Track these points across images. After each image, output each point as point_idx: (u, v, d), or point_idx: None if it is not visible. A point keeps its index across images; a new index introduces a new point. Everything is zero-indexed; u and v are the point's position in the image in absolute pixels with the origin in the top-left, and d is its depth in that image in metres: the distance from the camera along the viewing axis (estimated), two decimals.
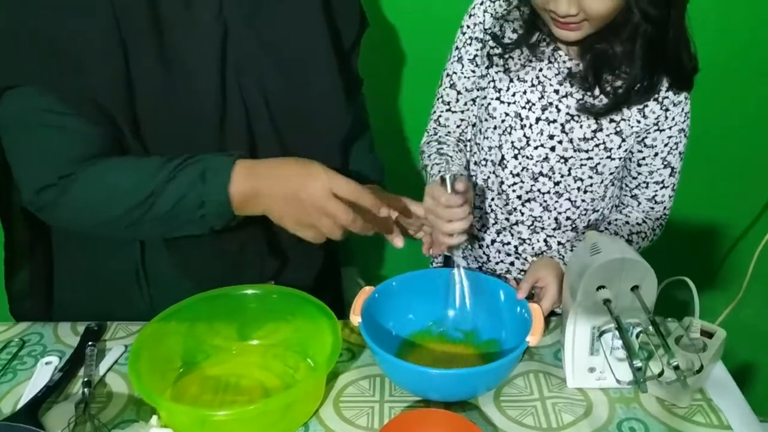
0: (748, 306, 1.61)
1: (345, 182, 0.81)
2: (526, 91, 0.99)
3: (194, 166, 0.82)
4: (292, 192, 0.80)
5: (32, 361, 0.91)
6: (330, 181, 0.80)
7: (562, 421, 0.81)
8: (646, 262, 0.80)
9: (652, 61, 0.91)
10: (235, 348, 0.92)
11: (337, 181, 0.80)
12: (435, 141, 1.08)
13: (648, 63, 0.91)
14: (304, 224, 0.83)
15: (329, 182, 0.80)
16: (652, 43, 0.88)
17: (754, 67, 1.42)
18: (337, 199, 0.80)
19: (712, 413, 0.82)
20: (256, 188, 0.82)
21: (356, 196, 0.81)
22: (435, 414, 0.77)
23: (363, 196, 0.81)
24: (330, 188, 0.79)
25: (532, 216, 1.06)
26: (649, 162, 1.01)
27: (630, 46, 0.90)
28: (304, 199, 0.80)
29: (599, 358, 0.84)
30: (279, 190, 0.81)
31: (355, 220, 0.81)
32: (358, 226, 0.81)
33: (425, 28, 1.17)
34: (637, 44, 0.89)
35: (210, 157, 0.83)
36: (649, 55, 0.90)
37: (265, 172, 0.82)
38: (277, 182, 0.81)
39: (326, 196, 0.79)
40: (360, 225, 0.81)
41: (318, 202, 0.80)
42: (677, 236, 1.54)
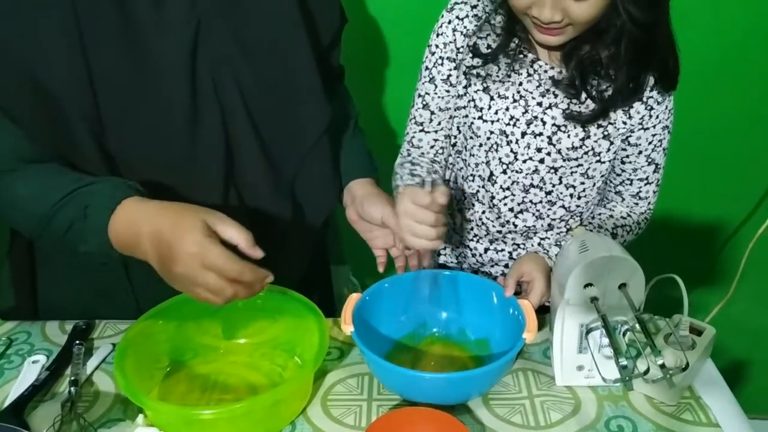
0: (739, 303, 1.62)
1: (218, 254, 0.71)
2: (509, 108, 0.97)
3: (81, 198, 0.77)
4: (162, 252, 0.73)
5: (19, 359, 0.90)
6: (202, 250, 0.70)
7: (551, 420, 0.81)
8: (634, 260, 0.80)
9: (638, 63, 0.90)
10: (222, 347, 0.92)
11: (210, 252, 0.70)
12: (408, 162, 1.04)
13: (634, 65, 0.90)
14: (186, 285, 0.74)
15: (201, 251, 0.70)
16: (637, 45, 0.87)
17: (746, 65, 1.42)
18: (218, 248, 0.71)
19: (701, 411, 0.82)
20: (130, 242, 0.75)
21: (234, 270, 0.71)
22: (422, 412, 0.77)
23: (244, 272, 0.72)
24: (202, 257, 0.70)
25: (525, 226, 1.05)
26: (633, 159, 1.00)
27: (615, 49, 0.89)
28: (176, 259, 0.71)
29: (587, 357, 0.84)
30: (152, 249, 0.74)
31: (243, 271, 0.72)
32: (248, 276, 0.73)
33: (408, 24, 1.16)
34: (623, 47, 0.88)
35: (99, 189, 0.78)
36: (635, 57, 0.89)
37: (141, 223, 0.74)
38: (150, 239, 0.73)
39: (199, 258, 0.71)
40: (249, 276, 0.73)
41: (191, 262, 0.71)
42: (669, 234, 1.54)
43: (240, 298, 0.74)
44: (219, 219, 0.74)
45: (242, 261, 0.72)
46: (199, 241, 0.70)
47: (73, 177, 0.80)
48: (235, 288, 0.72)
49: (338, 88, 1.10)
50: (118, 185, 0.79)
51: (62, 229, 0.78)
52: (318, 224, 1.03)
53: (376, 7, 1.35)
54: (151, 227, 0.73)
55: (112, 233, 0.76)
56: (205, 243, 0.70)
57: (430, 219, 0.85)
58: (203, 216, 0.73)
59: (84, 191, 0.78)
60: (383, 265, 1.03)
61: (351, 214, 1.03)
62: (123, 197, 0.77)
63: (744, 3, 1.35)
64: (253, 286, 0.74)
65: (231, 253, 0.71)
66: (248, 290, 0.74)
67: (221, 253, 0.71)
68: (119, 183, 0.80)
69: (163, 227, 0.72)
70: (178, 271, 0.71)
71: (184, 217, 0.73)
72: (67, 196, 0.77)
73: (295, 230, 0.99)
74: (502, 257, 1.11)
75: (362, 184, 1.02)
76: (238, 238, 0.73)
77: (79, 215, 0.76)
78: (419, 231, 0.86)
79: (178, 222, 0.72)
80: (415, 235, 0.86)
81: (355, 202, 1.01)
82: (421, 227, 0.86)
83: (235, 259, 0.71)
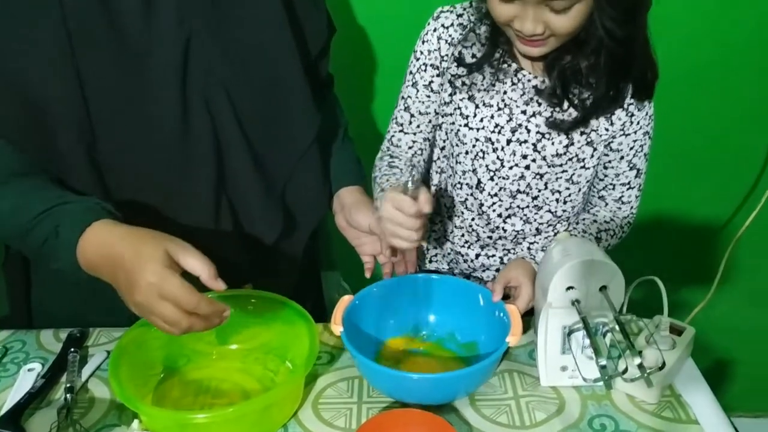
0: (721, 303, 1.65)
1: (176, 286, 0.70)
2: (494, 116, 0.99)
3: (55, 216, 0.78)
4: (123, 279, 0.73)
5: (15, 368, 0.92)
6: (159, 281, 0.70)
7: (536, 419, 0.83)
8: (614, 264, 0.83)
9: (616, 74, 0.92)
10: (215, 352, 0.94)
11: (168, 283, 0.70)
12: (387, 156, 1.08)
13: (613, 76, 0.92)
14: (144, 313, 0.74)
15: (159, 281, 0.70)
16: (615, 57, 0.90)
17: (726, 69, 1.44)
18: (175, 279, 0.71)
19: (680, 408, 0.85)
20: (96, 264, 0.76)
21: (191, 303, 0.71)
22: (411, 414, 0.79)
23: (201, 305, 0.72)
24: (160, 287, 0.70)
25: (514, 231, 1.08)
26: (615, 165, 1.03)
27: (595, 60, 0.91)
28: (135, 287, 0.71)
29: (571, 357, 0.86)
30: (114, 274, 0.74)
31: (199, 304, 0.71)
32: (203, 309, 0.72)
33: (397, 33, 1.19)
34: (602, 58, 0.90)
35: (73, 209, 0.79)
36: (614, 68, 0.91)
37: (107, 247, 0.75)
38: (113, 264, 0.74)
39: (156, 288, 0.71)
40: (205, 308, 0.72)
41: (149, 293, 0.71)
42: (652, 236, 1.57)
43: (197, 330, 0.73)
44: (181, 249, 0.73)
45: (199, 294, 0.71)
46: (158, 271, 0.70)
47: (54, 194, 0.81)
48: (191, 320, 0.72)
49: (327, 96, 1.12)
50: (91, 207, 0.80)
51: (37, 244, 0.79)
52: (308, 231, 1.05)
53: (364, 17, 1.37)
54: (115, 252, 0.73)
55: (79, 254, 0.76)
56: (163, 274, 0.70)
57: (412, 224, 0.88)
58: (166, 245, 0.73)
59: (59, 210, 0.79)
60: (370, 270, 1.05)
61: (340, 221, 1.05)
62: (94, 219, 0.77)
63: (726, 7, 1.38)
64: (210, 318, 0.74)
65: (189, 286, 0.71)
66: (205, 323, 0.73)
67: (178, 285, 0.70)
68: (93, 204, 0.80)
69: (126, 254, 0.72)
70: (137, 300, 0.72)
71: (146, 245, 0.73)
72: (44, 212, 0.78)
73: (286, 238, 1.01)
74: (493, 262, 1.13)
75: (351, 192, 1.05)
76: (200, 269, 0.73)
77: (52, 233, 0.77)
78: (403, 234, 0.89)
79: (140, 250, 0.72)
80: (398, 237, 0.89)
81: (344, 209, 1.03)
82: (405, 231, 0.88)
83: (192, 292, 0.71)
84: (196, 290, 0.71)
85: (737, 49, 1.42)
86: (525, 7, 0.84)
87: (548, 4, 0.82)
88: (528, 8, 0.84)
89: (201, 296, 0.71)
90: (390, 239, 0.91)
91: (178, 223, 0.92)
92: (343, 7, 1.35)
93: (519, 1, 0.84)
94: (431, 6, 1.03)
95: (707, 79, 1.45)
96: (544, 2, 0.82)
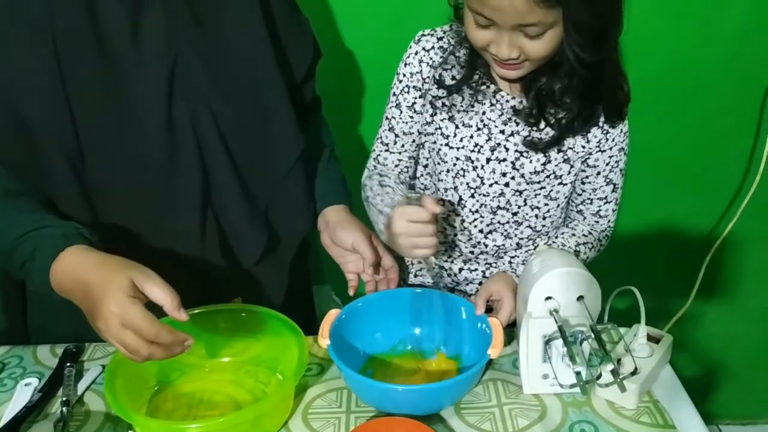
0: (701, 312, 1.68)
1: (137, 316, 0.72)
2: (473, 135, 1.03)
3: (33, 240, 0.81)
4: (90, 304, 0.75)
5: (12, 383, 0.94)
6: (122, 311, 0.72)
7: (518, 426, 0.85)
8: (590, 274, 0.86)
9: (588, 96, 0.96)
10: (207, 366, 0.96)
11: (129, 312, 0.72)
12: (377, 174, 1.10)
13: (585, 97, 0.96)
14: (107, 339, 0.75)
15: (121, 311, 0.72)
16: (586, 81, 0.93)
17: (710, 80, 1.47)
18: (137, 309, 0.72)
19: (658, 414, 0.87)
20: (67, 288, 0.79)
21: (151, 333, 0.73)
22: (396, 422, 0.81)
23: (161, 334, 0.74)
24: (122, 317, 0.72)
25: (495, 246, 1.11)
26: (592, 180, 1.06)
27: (568, 81, 0.95)
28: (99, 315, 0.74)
29: (551, 366, 0.89)
30: (82, 300, 0.77)
31: (159, 333, 0.73)
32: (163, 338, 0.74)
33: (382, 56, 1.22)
34: (574, 80, 0.94)
35: (50, 233, 0.81)
36: (585, 90, 0.95)
37: (77, 273, 0.77)
38: (81, 290, 0.77)
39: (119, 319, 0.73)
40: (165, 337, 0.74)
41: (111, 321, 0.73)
42: (632, 246, 1.60)
43: (157, 358, 0.75)
44: (147, 278, 0.75)
45: (160, 324, 0.73)
46: (120, 300, 0.72)
47: (37, 216, 0.84)
48: (151, 349, 0.74)
49: (314, 117, 1.15)
50: (68, 232, 0.82)
51: (17, 265, 0.82)
52: (293, 248, 1.07)
53: (351, 40, 1.42)
54: (85, 279, 0.76)
55: (52, 278, 0.79)
56: (125, 303, 0.72)
57: (429, 230, 0.90)
58: (132, 274, 0.75)
59: (37, 233, 0.81)
60: (354, 288, 1.07)
61: (325, 239, 1.08)
62: (68, 244, 0.79)
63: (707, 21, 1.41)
64: (171, 348, 0.76)
65: (150, 316, 0.73)
66: (166, 352, 0.75)
67: (139, 315, 0.72)
68: (71, 229, 0.82)
69: (93, 281, 0.75)
70: (100, 327, 0.74)
71: (113, 273, 0.75)
72: (25, 235, 0.81)
73: (271, 254, 1.03)
74: (476, 276, 1.16)
75: (336, 211, 1.07)
76: (164, 300, 0.75)
77: (29, 256, 0.80)
78: (421, 243, 0.91)
79: (107, 279, 0.74)
80: (417, 248, 0.91)
81: (328, 227, 1.06)
82: (423, 240, 0.90)
83: (153, 322, 0.73)
84: (156, 320, 0.73)
85: (717, 62, 1.45)
86: (500, 32, 0.88)
87: (522, 30, 0.86)
88: (503, 34, 0.88)
89: (162, 326, 0.73)
90: (410, 252, 0.92)
91: (165, 241, 0.95)
92: (331, 30, 1.39)
93: (494, 27, 0.88)
94: (415, 29, 1.07)
95: (687, 91, 1.49)
96: (519, 28, 0.86)
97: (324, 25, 1.37)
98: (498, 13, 0.85)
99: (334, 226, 1.04)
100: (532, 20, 0.84)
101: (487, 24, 0.88)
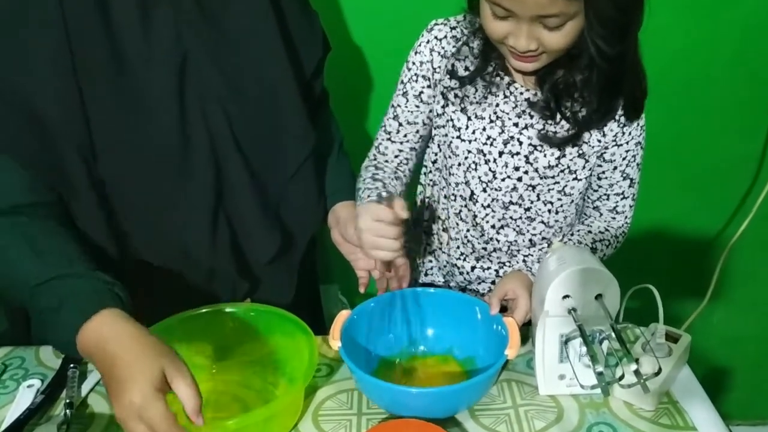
0: (716, 312, 1.66)
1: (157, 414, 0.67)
2: (486, 128, 1.01)
3: (58, 290, 0.75)
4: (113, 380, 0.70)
5: (14, 384, 0.92)
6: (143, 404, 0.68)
7: (534, 428, 0.83)
8: (609, 272, 0.84)
9: (608, 90, 0.94)
10: (215, 366, 0.94)
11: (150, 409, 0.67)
12: (372, 166, 1.08)
13: (604, 91, 0.94)
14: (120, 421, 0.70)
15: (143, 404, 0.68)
16: (607, 74, 0.91)
17: (720, 78, 1.46)
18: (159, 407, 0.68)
19: (678, 415, 0.85)
20: (91, 353, 0.73)
21: None
22: (410, 424, 0.79)
23: None
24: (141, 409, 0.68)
25: (507, 242, 1.09)
26: (609, 175, 1.04)
27: (588, 74, 0.93)
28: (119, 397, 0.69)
29: (568, 366, 0.87)
30: (106, 371, 0.72)
31: None
32: None
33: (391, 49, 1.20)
34: (594, 74, 0.92)
35: (80, 288, 0.76)
36: (606, 85, 0.93)
37: (106, 343, 0.72)
38: (107, 362, 0.71)
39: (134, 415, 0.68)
40: None
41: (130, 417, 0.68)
42: (646, 245, 1.58)
43: None
44: (178, 372, 0.71)
45: (178, 427, 0.69)
46: (146, 393, 0.68)
47: (56, 259, 0.78)
48: None
49: (323, 112, 1.13)
50: (98, 289, 0.76)
51: (36, 309, 0.77)
52: (303, 245, 1.06)
53: (360, 34, 1.40)
54: (113, 353, 0.71)
55: (79, 338, 0.73)
56: (150, 398, 0.67)
57: (392, 233, 0.88)
58: (164, 363, 0.70)
59: (62, 285, 0.76)
60: (364, 286, 1.04)
61: (335, 235, 1.06)
62: (101, 307, 0.74)
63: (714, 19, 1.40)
64: None
65: (170, 415, 0.68)
66: None
67: (160, 414, 0.68)
68: (101, 286, 0.77)
69: (123, 359, 0.70)
70: (115, 408, 0.69)
71: (145, 358, 0.70)
72: (47, 283, 0.76)
73: (282, 253, 1.01)
74: (489, 275, 1.14)
75: (346, 207, 1.05)
76: (187, 401, 0.70)
77: (53, 307, 0.75)
78: (382, 244, 0.89)
79: (138, 363, 0.69)
80: (378, 248, 0.90)
81: (339, 223, 1.04)
82: (384, 241, 0.89)
83: (171, 425, 0.68)
84: (175, 422, 0.69)
85: (726, 61, 1.44)
86: (519, 24, 0.86)
87: (542, 21, 0.84)
88: (522, 25, 0.85)
89: (178, 429, 0.69)
90: (370, 251, 0.90)
91: (175, 239, 0.93)
92: (339, 24, 1.37)
93: (513, 19, 0.86)
94: (425, 23, 1.05)
95: (698, 90, 1.47)
96: (538, 19, 0.84)
97: (332, 20, 1.35)
98: (518, 4, 0.83)
99: (345, 222, 1.02)
100: (553, 11, 0.82)
101: (505, 15, 0.86)
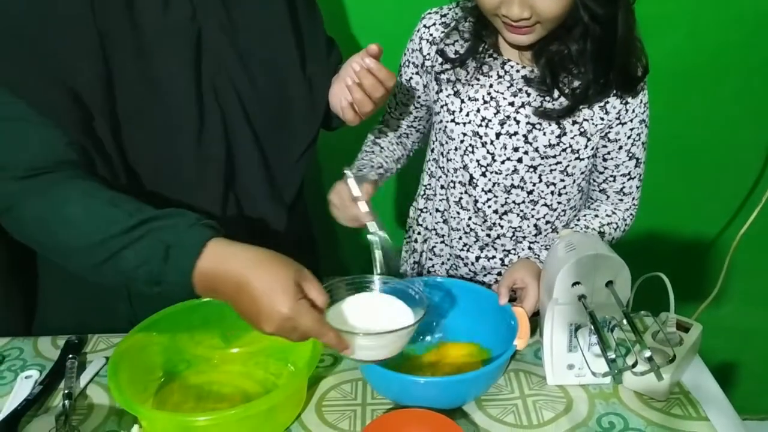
0: (726, 303, 1.64)
1: (310, 320, 0.71)
2: (480, 109, 1.00)
3: (160, 234, 0.73)
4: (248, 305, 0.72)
5: (12, 375, 0.91)
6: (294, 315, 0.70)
7: (543, 418, 0.82)
8: (620, 258, 0.82)
9: (602, 59, 0.93)
10: (216, 357, 0.92)
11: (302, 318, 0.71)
12: (377, 129, 1.15)
13: (600, 62, 0.93)
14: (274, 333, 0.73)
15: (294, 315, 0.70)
16: (602, 42, 0.91)
17: (728, 69, 1.45)
18: (310, 315, 0.71)
19: (690, 405, 0.83)
20: (212, 287, 0.73)
21: (319, 336, 0.73)
22: (416, 414, 0.77)
23: (329, 338, 0.73)
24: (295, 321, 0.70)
25: (512, 227, 1.07)
26: (614, 156, 1.02)
27: (582, 45, 0.93)
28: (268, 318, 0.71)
29: (577, 355, 0.85)
30: (236, 297, 0.72)
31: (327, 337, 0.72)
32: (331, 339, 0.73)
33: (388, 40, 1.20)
34: (588, 44, 0.92)
35: (177, 226, 0.74)
36: (600, 55, 0.92)
37: (230, 271, 0.71)
38: (236, 289, 0.71)
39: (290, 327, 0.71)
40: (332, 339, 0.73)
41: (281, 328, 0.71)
42: (655, 235, 1.57)
43: None
44: (305, 278, 0.73)
45: (329, 328, 0.72)
46: (290, 304, 0.70)
47: (126, 208, 0.75)
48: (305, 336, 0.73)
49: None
50: (193, 223, 0.74)
51: (130, 266, 0.73)
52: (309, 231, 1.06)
53: (357, 26, 1.41)
54: (240, 277, 0.71)
55: (195, 277, 0.72)
56: (295, 307, 0.70)
57: (347, 212, 0.91)
58: (295, 276, 0.72)
59: (156, 227, 0.74)
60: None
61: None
62: (207, 239, 0.73)
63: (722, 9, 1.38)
64: (330, 344, 0.74)
65: (319, 318, 0.72)
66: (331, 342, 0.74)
67: (312, 319, 0.71)
68: (193, 220, 0.75)
69: (256, 283, 0.70)
70: (265, 326, 0.71)
71: (275, 275, 0.71)
72: (135, 229, 0.73)
73: (289, 234, 1.01)
74: (494, 264, 1.12)
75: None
76: (319, 300, 0.73)
77: (158, 255, 0.72)
78: (340, 217, 0.93)
79: (270, 280, 0.70)
80: (339, 219, 0.94)
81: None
82: (341, 215, 0.93)
83: (323, 325, 0.72)
84: (325, 323, 0.73)
85: (733, 51, 1.43)
86: None
87: None
88: None
89: (330, 330, 0.73)
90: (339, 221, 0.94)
91: None
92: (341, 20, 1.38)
93: None
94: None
95: (705, 81, 1.46)
96: None
97: (334, 14, 1.36)
98: None
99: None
100: None
101: None
